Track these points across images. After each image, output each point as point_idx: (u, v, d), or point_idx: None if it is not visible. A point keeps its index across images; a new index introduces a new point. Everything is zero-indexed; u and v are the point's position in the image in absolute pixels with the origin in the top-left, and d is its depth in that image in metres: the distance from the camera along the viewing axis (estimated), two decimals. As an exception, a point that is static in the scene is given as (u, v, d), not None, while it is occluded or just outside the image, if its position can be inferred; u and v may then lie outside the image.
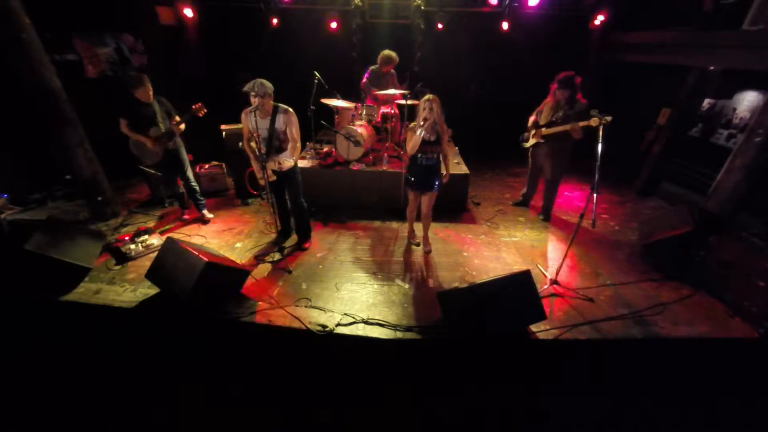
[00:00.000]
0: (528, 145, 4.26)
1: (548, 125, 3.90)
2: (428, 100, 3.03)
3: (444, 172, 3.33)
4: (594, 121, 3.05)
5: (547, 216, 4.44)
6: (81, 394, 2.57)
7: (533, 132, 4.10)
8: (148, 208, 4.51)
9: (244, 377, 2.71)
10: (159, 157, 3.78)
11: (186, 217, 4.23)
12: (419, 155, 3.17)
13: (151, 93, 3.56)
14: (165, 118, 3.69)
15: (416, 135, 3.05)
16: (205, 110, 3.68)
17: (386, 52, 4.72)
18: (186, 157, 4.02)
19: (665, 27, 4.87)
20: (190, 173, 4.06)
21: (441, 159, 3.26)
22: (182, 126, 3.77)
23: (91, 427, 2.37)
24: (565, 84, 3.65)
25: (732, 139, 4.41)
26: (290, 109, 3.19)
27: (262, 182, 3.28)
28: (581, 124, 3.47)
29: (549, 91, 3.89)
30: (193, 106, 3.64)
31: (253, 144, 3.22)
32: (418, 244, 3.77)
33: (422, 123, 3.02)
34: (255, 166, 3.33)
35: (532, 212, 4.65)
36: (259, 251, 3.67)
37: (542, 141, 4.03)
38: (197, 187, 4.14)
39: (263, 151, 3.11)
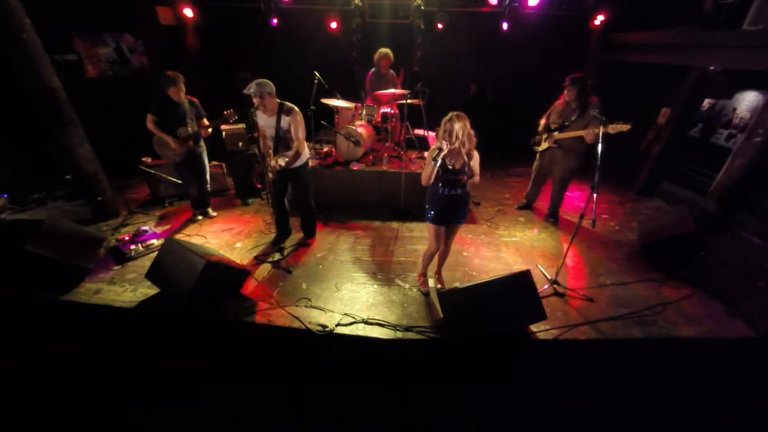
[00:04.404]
0: (541, 149, 4.22)
1: (560, 129, 3.89)
2: (449, 120, 2.39)
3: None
4: (611, 129, 2.98)
5: (555, 219, 4.41)
6: (81, 394, 2.57)
7: (545, 136, 4.08)
8: (148, 208, 4.51)
9: (243, 377, 2.71)
10: (180, 158, 3.80)
11: (200, 217, 4.26)
12: (440, 184, 2.59)
13: (183, 93, 3.59)
14: (193, 119, 3.72)
15: (430, 166, 2.45)
16: (236, 116, 3.69)
17: (381, 49, 4.74)
18: (207, 163, 4.08)
19: (665, 27, 4.87)
20: (208, 177, 4.15)
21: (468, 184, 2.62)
22: (210, 129, 3.83)
23: (91, 427, 2.37)
24: (573, 82, 3.64)
25: (732, 139, 4.41)
26: (295, 108, 3.18)
27: (270, 176, 3.28)
28: (597, 130, 3.40)
29: (560, 91, 3.87)
30: (225, 112, 3.66)
31: (261, 141, 3.25)
32: (427, 294, 3.07)
33: (444, 148, 2.39)
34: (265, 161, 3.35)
35: (535, 215, 4.64)
36: (259, 251, 3.67)
37: (555, 146, 4.00)
38: (209, 189, 4.25)
39: (271, 148, 3.13)
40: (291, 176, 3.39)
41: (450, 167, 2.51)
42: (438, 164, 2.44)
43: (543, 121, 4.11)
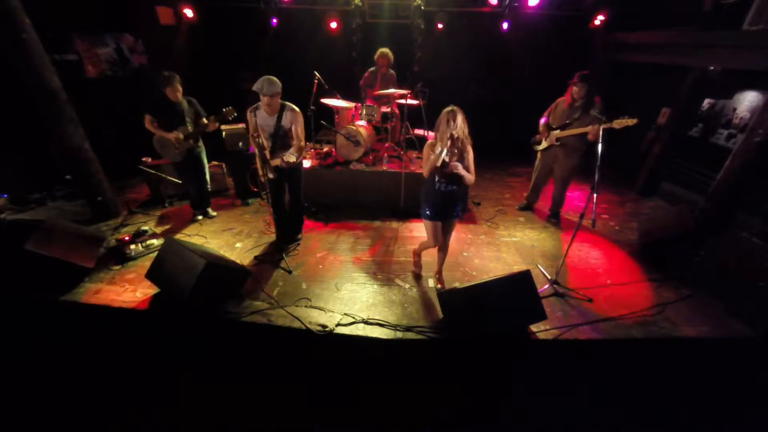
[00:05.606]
0: (541, 148, 4.20)
1: (562, 127, 3.87)
2: (450, 112, 2.48)
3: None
4: (617, 124, 2.96)
5: (557, 219, 4.40)
6: (82, 394, 2.57)
7: (546, 135, 4.07)
8: (148, 208, 4.51)
9: (244, 377, 2.71)
10: (181, 157, 3.80)
11: (200, 217, 4.26)
12: (436, 179, 2.66)
13: (180, 93, 3.58)
14: (192, 118, 3.72)
15: (435, 155, 2.49)
16: (235, 113, 3.67)
17: (380, 48, 4.76)
18: (206, 163, 4.08)
19: (665, 27, 4.87)
20: (208, 177, 4.15)
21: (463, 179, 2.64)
22: (210, 127, 3.81)
23: (93, 427, 2.37)
24: (584, 78, 3.62)
25: (732, 139, 4.41)
26: (297, 108, 3.20)
27: (263, 179, 3.30)
28: (603, 126, 3.38)
29: (563, 89, 3.85)
30: (224, 110, 3.63)
31: (258, 140, 3.24)
32: (419, 277, 3.28)
33: (447, 142, 2.46)
34: (259, 162, 3.34)
35: (535, 215, 4.63)
36: (259, 251, 3.67)
37: (557, 144, 3.99)
38: (209, 189, 4.24)
39: (268, 147, 3.12)
40: (288, 175, 3.41)
41: (447, 161, 2.54)
42: (444, 153, 2.45)
43: (543, 120, 4.09)
